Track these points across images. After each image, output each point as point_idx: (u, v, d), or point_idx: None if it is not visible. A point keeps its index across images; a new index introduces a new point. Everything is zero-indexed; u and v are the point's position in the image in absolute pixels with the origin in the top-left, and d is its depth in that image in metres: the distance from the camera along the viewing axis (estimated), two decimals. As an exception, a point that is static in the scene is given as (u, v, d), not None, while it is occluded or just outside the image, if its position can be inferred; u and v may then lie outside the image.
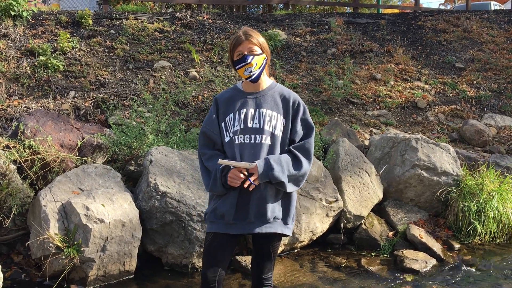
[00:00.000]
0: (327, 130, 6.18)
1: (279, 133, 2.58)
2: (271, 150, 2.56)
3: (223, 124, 2.60)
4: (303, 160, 2.57)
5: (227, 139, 2.58)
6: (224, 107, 2.61)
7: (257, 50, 2.56)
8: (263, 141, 2.53)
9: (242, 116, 2.55)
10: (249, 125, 2.53)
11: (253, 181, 2.47)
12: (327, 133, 6.05)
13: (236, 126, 2.55)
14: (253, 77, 2.56)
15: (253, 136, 2.52)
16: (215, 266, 2.56)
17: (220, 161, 2.48)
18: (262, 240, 2.63)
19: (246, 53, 2.53)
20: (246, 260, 4.35)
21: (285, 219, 2.62)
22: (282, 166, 2.49)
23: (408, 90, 8.14)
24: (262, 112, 2.56)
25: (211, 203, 2.64)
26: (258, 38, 2.58)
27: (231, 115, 2.57)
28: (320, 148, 5.50)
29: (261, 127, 2.54)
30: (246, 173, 2.48)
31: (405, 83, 8.35)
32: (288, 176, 2.52)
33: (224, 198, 2.55)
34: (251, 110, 2.57)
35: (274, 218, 2.56)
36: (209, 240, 2.61)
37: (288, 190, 2.56)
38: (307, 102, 7.14)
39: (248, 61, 2.51)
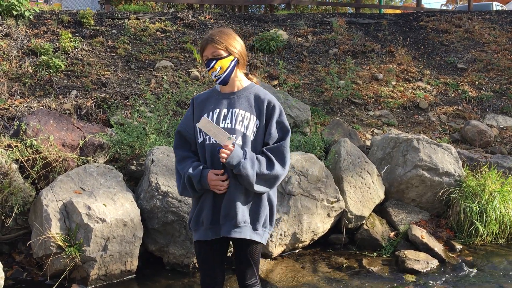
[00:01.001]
0: (328, 130, 6.18)
1: (251, 134, 2.49)
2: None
3: (197, 124, 2.51)
4: (275, 162, 2.47)
5: (200, 139, 2.53)
6: (199, 107, 2.59)
7: (222, 53, 2.50)
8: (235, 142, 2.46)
9: (215, 116, 2.51)
10: (221, 125, 2.48)
11: (221, 159, 2.37)
12: (328, 133, 6.05)
13: None
14: (219, 80, 2.53)
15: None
16: (211, 273, 2.55)
17: (203, 120, 2.41)
18: (238, 245, 2.55)
19: (209, 57, 2.52)
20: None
21: (254, 224, 2.49)
22: (253, 162, 2.41)
23: (410, 91, 8.13)
24: (234, 112, 2.50)
25: (191, 210, 2.61)
26: (224, 41, 2.51)
27: (205, 115, 2.52)
28: (321, 148, 5.50)
29: (233, 127, 2.47)
30: (221, 174, 2.44)
31: (407, 83, 8.34)
32: (258, 175, 2.41)
33: (202, 202, 2.51)
34: (224, 110, 2.52)
35: (245, 222, 2.46)
36: (197, 249, 2.59)
37: (256, 189, 2.42)
38: (309, 102, 7.15)
39: (211, 65, 2.50)
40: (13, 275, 4.05)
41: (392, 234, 5.06)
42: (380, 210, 5.41)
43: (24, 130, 4.52)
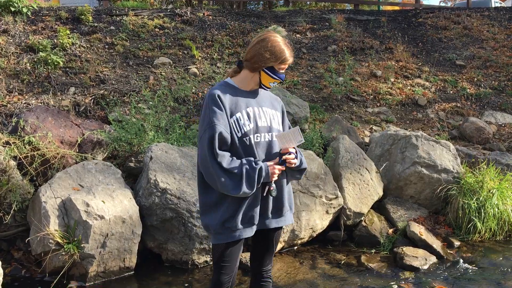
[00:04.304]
0: (327, 127, 6.18)
1: (281, 129, 2.66)
2: (275, 147, 2.57)
3: (228, 124, 2.47)
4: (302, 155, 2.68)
5: (236, 139, 2.46)
6: (229, 104, 2.49)
7: None
8: (273, 139, 2.56)
9: (251, 114, 2.52)
10: (259, 123, 2.52)
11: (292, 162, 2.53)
12: (327, 130, 6.04)
13: (248, 125, 2.48)
14: (271, 88, 2.65)
15: (262, 134, 2.52)
16: (232, 272, 2.56)
17: (277, 136, 2.54)
18: (270, 235, 2.65)
19: (282, 72, 2.59)
20: (245, 256, 4.35)
21: (291, 209, 2.68)
22: (301, 153, 2.66)
23: (409, 87, 8.13)
24: (266, 111, 2.59)
25: (221, 212, 2.46)
26: None
27: (239, 114, 2.48)
28: (320, 145, 5.50)
29: (270, 125, 2.57)
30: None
31: (406, 80, 8.34)
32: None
33: (251, 200, 2.46)
34: (256, 109, 2.55)
35: (287, 210, 2.63)
36: (225, 248, 2.50)
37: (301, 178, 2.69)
38: (307, 99, 7.14)
39: (282, 80, 2.62)
40: (12, 272, 4.05)
41: (390, 230, 5.07)
42: (379, 206, 5.41)
43: (22, 127, 4.51)
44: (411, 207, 5.37)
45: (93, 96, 6.00)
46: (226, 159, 2.39)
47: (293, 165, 2.53)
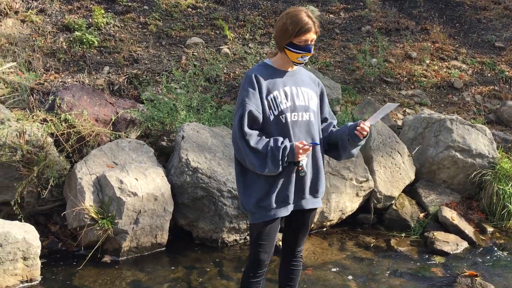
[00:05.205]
0: (359, 109, 6.10)
1: (317, 110, 2.64)
2: (314, 127, 2.58)
3: (266, 102, 2.49)
4: None
5: (272, 117, 2.48)
6: (266, 84, 2.50)
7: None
8: (311, 119, 2.54)
9: (288, 93, 2.51)
10: (297, 102, 2.51)
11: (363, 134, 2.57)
12: (359, 112, 5.97)
13: (285, 103, 2.48)
14: (303, 63, 2.57)
15: (300, 113, 2.50)
16: (269, 252, 2.59)
17: (369, 120, 2.57)
18: (305, 216, 2.66)
19: (310, 43, 2.49)
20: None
21: (323, 193, 2.68)
22: None
23: (445, 70, 7.91)
24: (304, 91, 2.57)
25: (255, 191, 2.50)
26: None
27: (275, 92, 2.49)
28: (351, 127, 5.44)
29: (307, 104, 2.55)
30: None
31: (442, 62, 8.12)
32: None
33: (283, 179, 2.47)
34: (293, 88, 2.54)
35: (321, 193, 2.64)
36: (262, 228, 2.52)
37: (356, 154, 2.70)
38: (339, 81, 7.05)
39: (311, 52, 2.50)
40: (49, 245, 4.20)
41: (421, 215, 5.01)
42: (410, 190, 5.35)
43: (59, 104, 4.63)
44: (444, 191, 5.28)
45: (127, 76, 6.08)
46: (253, 137, 2.43)
47: (363, 135, 2.55)
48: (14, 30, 6.41)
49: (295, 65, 2.58)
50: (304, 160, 2.48)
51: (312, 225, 4.67)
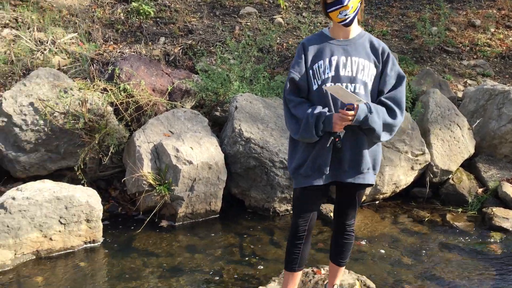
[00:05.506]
0: (417, 80, 5.89)
1: (370, 83, 2.47)
2: (362, 98, 2.43)
3: (310, 72, 2.48)
4: (396, 110, 2.46)
5: (315, 87, 2.47)
6: (313, 53, 2.49)
7: None
8: (356, 90, 2.43)
9: (334, 63, 2.44)
10: (341, 73, 2.43)
11: (348, 115, 2.33)
12: (417, 83, 5.77)
13: (327, 73, 2.44)
14: (347, 20, 2.42)
15: (344, 84, 2.42)
16: (306, 217, 2.59)
17: (328, 87, 2.38)
18: (350, 191, 2.61)
19: None
20: (326, 207, 4.40)
21: (375, 169, 2.57)
22: (378, 113, 2.40)
23: (511, 39, 7.45)
24: (355, 61, 2.46)
25: (297, 157, 2.55)
26: None
27: (321, 62, 2.46)
28: (408, 99, 5.27)
29: (354, 75, 2.44)
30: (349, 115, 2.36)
31: (508, 30, 7.64)
32: (384, 125, 2.43)
33: (318, 148, 2.47)
34: (343, 58, 2.46)
35: (368, 169, 2.52)
36: (301, 194, 2.57)
37: (382, 139, 2.47)
38: (397, 50, 6.82)
39: (345, 3, 2.36)
40: (109, 209, 4.42)
41: (480, 190, 4.84)
42: (469, 165, 5.16)
43: (118, 74, 4.78)
44: (505, 166, 5.06)
45: (182, 46, 6.17)
46: (294, 103, 2.48)
47: (348, 118, 2.33)
48: (74, 2, 6.61)
49: (344, 26, 2.46)
50: (342, 132, 2.43)
51: (365, 197, 4.64)
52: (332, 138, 2.43)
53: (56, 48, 5.52)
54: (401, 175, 4.69)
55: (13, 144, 4.24)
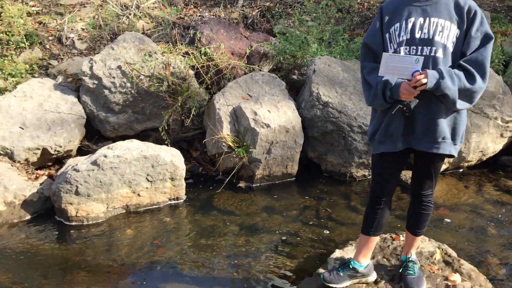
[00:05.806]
0: (510, 40, 5.46)
1: (451, 45, 2.29)
2: (440, 64, 2.29)
3: (387, 35, 2.39)
4: (476, 74, 2.25)
5: (390, 51, 2.37)
6: (390, 16, 2.39)
7: None
8: (432, 54, 2.28)
9: (410, 25, 2.32)
10: (417, 35, 2.30)
11: (418, 83, 2.19)
12: (510, 45, 5.35)
13: (402, 36, 2.33)
14: None
15: (419, 47, 2.29)
16: (383, 184, 2.56)
17: (382, 71, 2.27)
18: (426, 160, 2.50)
19: None
20: (405, 174, 4.29)
21: (454, 139, 2.40)
22: (452, 78, 2.21)
23: None
24: (433, 22, 2.30)
25: (373, 123, 2.53)
26: None
27: (397, 24, 2.35)
28: (500, 61, 4.93)
29: (431, 37, 2.29)
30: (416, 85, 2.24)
31: None
32: (460, 90, 2.24)
33: (391, 115, 2.41)
34: (420, 19, 2.32)
35: (443, 138, 2.37)
36: (379, 160, 2.54)
37: (458, 107, 2.28)
38: (488, 8, 6.32)
39: None
40: (191, 169, 4.61)
41: None
42: None
43: (198, 38, 4.87)
44: None
45: (260, 9, 6.14)
46: (367, 69, 2.46)
47: (420, 85, 2.19)
48: (156, -33, 6.75)
49: None
50: (414, 101, 2.31)
51: (447, 165, 4.46)
52: (400, 106, 2.35)
53: (140, 12, 5.71)
54: (488, 143, 4.45)
55: (103, 105, 4.52)
